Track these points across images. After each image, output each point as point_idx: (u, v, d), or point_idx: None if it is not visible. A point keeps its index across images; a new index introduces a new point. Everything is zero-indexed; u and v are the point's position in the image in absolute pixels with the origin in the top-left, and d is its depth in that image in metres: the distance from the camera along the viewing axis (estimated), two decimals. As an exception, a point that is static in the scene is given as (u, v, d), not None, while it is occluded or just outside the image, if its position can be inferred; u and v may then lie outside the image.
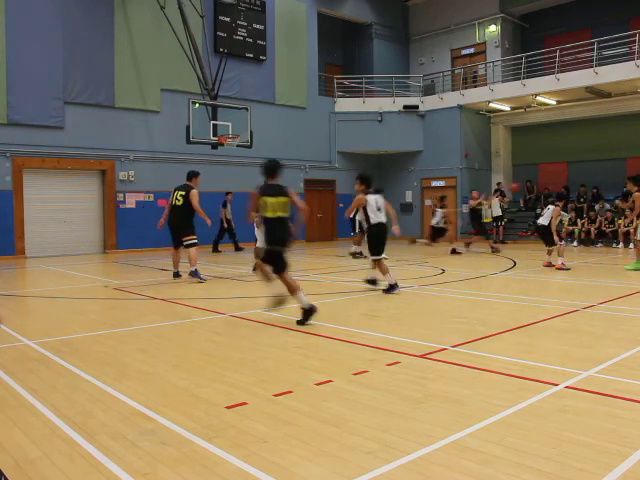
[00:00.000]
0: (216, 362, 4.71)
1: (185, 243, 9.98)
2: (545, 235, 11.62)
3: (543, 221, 11.52)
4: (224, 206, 17.17)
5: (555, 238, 11.28)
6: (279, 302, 6.53)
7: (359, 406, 3.58)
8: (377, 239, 8.62)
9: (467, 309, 7.07)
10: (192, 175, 10.23)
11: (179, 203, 9.95)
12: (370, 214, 8.54)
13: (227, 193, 17.34)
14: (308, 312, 6.14)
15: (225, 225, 17.17)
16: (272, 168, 6.41)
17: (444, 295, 8.30)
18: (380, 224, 8.59)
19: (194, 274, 9.86)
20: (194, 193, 9.90)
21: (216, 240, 17.15)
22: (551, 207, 11.50)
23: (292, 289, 6.21)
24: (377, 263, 8.63)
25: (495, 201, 18.95)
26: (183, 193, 9.96)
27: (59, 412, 3.53)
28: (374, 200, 8.59)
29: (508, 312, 6.89)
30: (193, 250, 9.90)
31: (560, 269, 11.13)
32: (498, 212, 18.89)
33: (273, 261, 6.33)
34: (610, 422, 3.25)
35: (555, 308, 6.98)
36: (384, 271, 8.49)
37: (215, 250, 17.12)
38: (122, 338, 5.72)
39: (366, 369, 4.39)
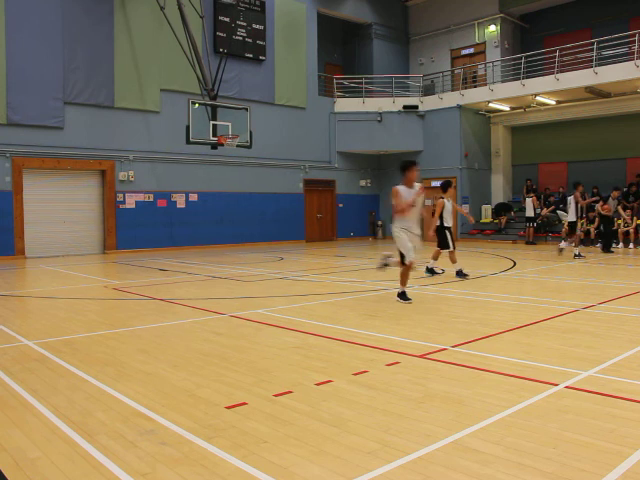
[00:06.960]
0: (216, 362, 4.71)
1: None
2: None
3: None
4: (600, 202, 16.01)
5: (448, 239, 10.58)
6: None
7: (359, 406, 3.58)
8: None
9: (467, 309, 7.07)
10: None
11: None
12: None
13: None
14: None
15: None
16: None
17: (444, 295, 8.30)
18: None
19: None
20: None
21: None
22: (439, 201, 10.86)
23: None
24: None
25: (529, 201, 19.15)
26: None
27: (59, 412, 3.53)
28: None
29: (508, 312, 6.89)
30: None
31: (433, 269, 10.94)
32: (530, 213, 19.10)
33: None
34: (610, 422, 3.25)
35: (555, 308, 6.98)
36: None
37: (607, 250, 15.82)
38: (122, 338, 5.72)
39: (366, 369, 4.39)
